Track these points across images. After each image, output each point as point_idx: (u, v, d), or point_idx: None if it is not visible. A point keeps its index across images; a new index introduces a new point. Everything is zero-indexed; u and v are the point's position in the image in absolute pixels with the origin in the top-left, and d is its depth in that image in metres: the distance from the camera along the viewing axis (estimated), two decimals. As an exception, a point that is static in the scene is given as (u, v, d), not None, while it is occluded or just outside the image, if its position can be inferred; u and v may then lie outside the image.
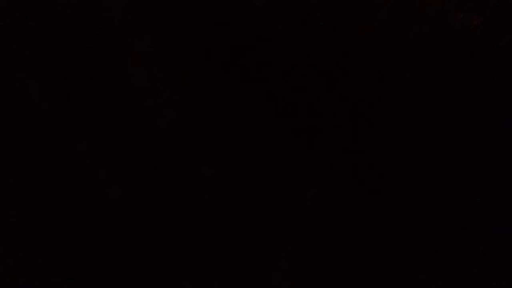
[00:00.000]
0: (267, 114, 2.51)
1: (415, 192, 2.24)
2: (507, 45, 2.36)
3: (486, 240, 2.11)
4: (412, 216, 2.19)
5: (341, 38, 2.52)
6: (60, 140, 2.37)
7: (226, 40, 2.75)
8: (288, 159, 2.35)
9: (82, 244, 2.07)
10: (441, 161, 2.29)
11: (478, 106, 2.35)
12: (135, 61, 2.73)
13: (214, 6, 2.81)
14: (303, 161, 2.35)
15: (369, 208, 2.21)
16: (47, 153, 2.33)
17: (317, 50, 2.55)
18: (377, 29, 2.47)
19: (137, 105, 2.52)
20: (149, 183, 2.25)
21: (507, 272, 2.03)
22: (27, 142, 2.35)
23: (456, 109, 2.35)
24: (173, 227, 2.13)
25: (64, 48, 2.73)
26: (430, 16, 2.41)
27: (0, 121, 2.42)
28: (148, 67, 2.70)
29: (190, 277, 2.01)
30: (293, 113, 2.50)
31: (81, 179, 2.25)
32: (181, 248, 2.08)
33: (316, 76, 2.55)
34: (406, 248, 2.12)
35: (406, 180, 2.27)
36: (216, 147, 2.38)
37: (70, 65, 2.67)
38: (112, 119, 2.46)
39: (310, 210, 2.21)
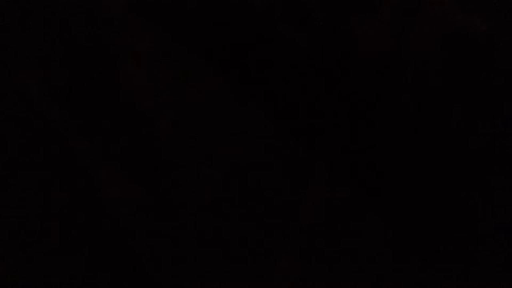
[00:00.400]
0: (267, 114, 2.51)
1: (415, 192, 2.24)
2: (508, 46, 2.37)
3: (486, 240, 2.11)
4: (412, 216, 2.19)
5: (341, 38, 2.51)
6: (60, 140, 2.37)
7: (226, 40, 2.75)
8: (288, 159, 2.35)
9: (82, 244, 2.07)
10: (441, 161, 2.29)
11: (478, 106, 2.35)
12: (135, 61, 2.73)
13: (214, 6, 2.81)
14: (303, 161, 2.35)
15: (369, 208, 2.21)
16: (47, 153, 2.33)
17: (317, 50, 2.55)
18: (378, 29, 2.46)
19: (137, 105, 2.52)
20: (149, 183, 2.25)
21: (507, 272, 2.03)
22: (27, 142, 2.35)
23: (456, 109, 2.35)
24: (173, 227, 2.13)
25: (64, 48, 2.73)
26: (431, 16, 2.41)
27: (0, 121, 2.42)
28: (148, 67, 2.70)
29: (190, 277, 2.01)
30: (293, 113, 2.50)
31: (81, 179, 2.25)
32: (181, 248, 2.08)
33: (316, 76, 2.55)
34: (406, 248, 2.12)
35: (406, 180, 2.27)
36: (216, 147, 2.38)
37: (70, 65, 2.67)
38: (112, 119, 2.46)
39: (310, 210, 2.21)
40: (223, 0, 2.80)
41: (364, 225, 2.16)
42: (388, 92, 2.47)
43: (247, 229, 2.13)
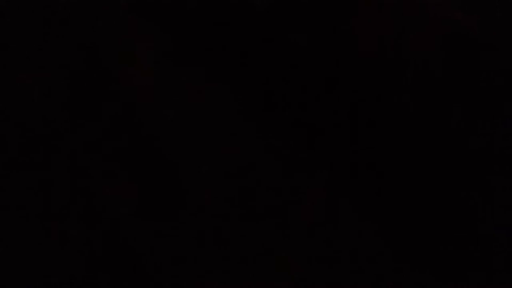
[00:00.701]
0: (267, 114, 2.51)
1: (416, 192, 2.24)
2: (506, 45, 2.37)
3: (486, 240, 2.11)
4: (412, 216, 2.19)
5: (341, 38, 2.52)
6: (60, 140, 2.37)
7: (225, 40, 2.75)
8: (288, 159, 2.35)
9: (82, 244, 2.07)
10: (441, 161, 2.29)
11: (478, 106, 2.35)
12: (135, 61, 2.73)
13: (214, 7, 2.81)
14: (303, 161, 2.35)
15: (369, 208, 2.21)
16: (47, 153, 2.33)
17: (317, 50, 2.55)
18: (378, 29, 2.47)
19: (137, 105, 2.52)
20: (149, 183, 2.25)
21: (507, 272, 2.03)
22: (27, 142, 2.35)
23: (456, 109, 2.35)
24: (173, 227, 2.13)
25: (64, 48, 2.73)
26: (430, 16, 2.41)
27: (0, 121, 2.42)
28: (148, 67, 2.70)
29: (190, 277, 2.01)
30: (293, 113, 2.50)
31: (81, 179, 2.25)
32: (181, 248, 2.08)
33: (316, 76, 2.55)
34: (406, 248, 2.12)
35: (406, 180, 2.27)
36: (216, 147, 2.38)
37: (70, 65, 2.67)
38: (112, 119, 2.46)
39: (310, 210, 2.21)
40: (222, 1, 2.80)
41: (364, 225, 2.16)
42: (388, 92, 2.47)
43: (247, 229, 2.13)
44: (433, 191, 2.24)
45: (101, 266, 2.00)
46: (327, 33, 2.56)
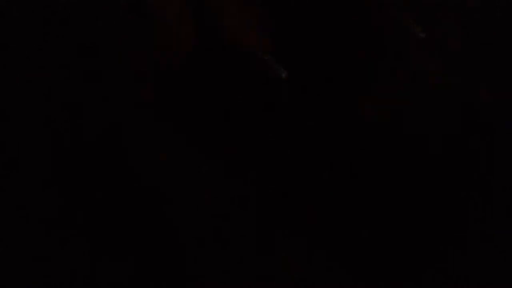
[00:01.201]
0: (269, 117, 2.52)
1: (415, 192, 2.25)
2: (504, 45, 2.37)
3: (486, 241, 2.12)
4: (412, 216, 2.20)
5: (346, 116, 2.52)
6: (60, 139, 2.38)
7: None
8: (287, 160, 2.36)
9: (83, 244, 2.07)
10: (441, 161, 2.30)
11: (478, 106, 2.36)
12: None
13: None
14: (303, 161, 2.36)
15: (369, 208, 2.22)
16: (47, 152, 2.33)
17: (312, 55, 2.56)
18: (381, 102, 2.47)
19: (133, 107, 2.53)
20: (148, 183, 2.26)
21: (507, 272, 2.04)
22: (27, 142, 2.36)
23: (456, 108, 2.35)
24: (173, 227, 2.13)
25: (64, 48, 2.74)
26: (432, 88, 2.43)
27: (0, 121, 2.43)
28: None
29: (190, 277, 2.01)
30: (292, 114, 2.51)
31: (81, 179, 2.26)
32: (181, 248, 2.08)
33: (312, 84, 2.55)
34: (406, 248, 2.12)
35: (406, 179, 2.28)
36: (216, 148, 2.39)
37: (70, 65, 2.68)
38: (110, 120, 2.46)
39: (310, 210, 2.21)
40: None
41: (364, 225, 2.16)
42: (388, 92, 2.48)
43: (247, 229, 2.14)
44: (433, 191, 2.25)
45: (101, 266, 2.01)
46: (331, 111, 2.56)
